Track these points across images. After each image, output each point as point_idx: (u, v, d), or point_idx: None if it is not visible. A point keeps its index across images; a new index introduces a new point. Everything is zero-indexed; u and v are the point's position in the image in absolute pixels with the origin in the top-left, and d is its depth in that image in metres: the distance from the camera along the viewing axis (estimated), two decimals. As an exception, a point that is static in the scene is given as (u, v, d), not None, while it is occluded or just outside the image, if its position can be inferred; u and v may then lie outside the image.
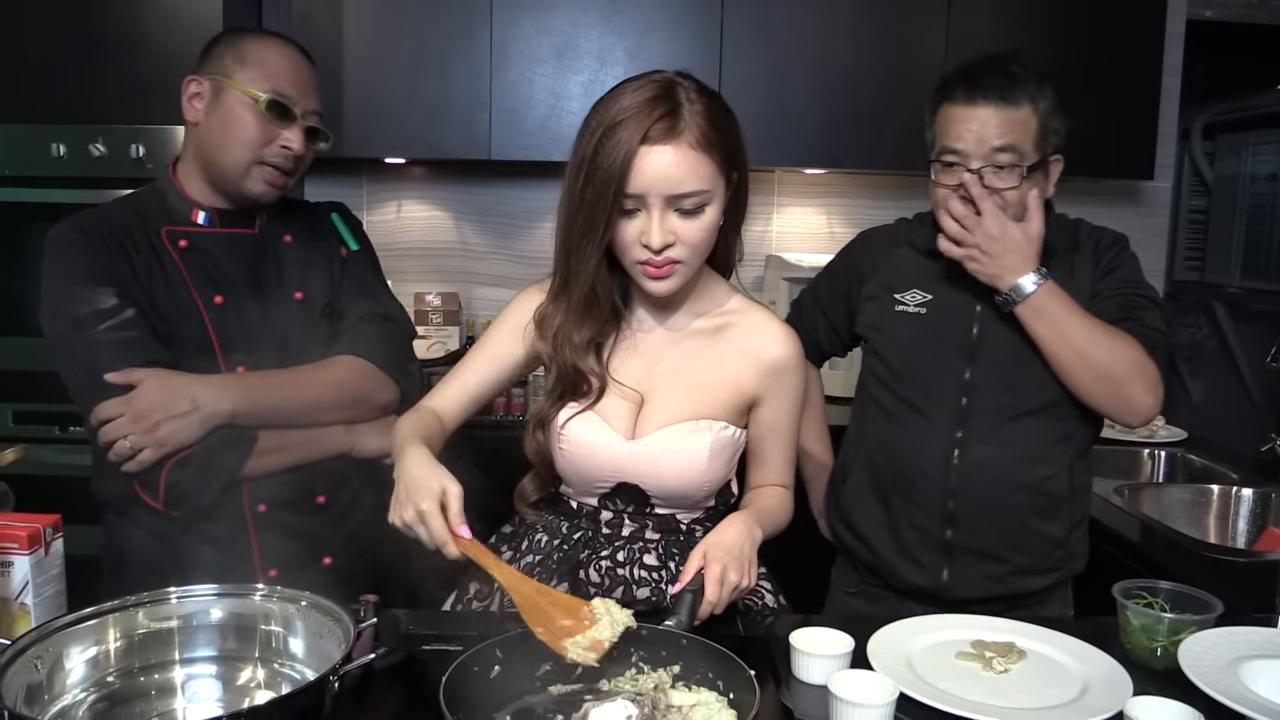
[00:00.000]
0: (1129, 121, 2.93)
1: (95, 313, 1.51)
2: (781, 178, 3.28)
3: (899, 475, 1.77)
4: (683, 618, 1.24)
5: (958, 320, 1.73)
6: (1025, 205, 1.63)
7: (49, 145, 2.49)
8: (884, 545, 1.79)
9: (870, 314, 1.83)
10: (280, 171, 1.60)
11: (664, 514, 1.47)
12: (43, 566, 1.21)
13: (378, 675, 1.21)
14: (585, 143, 1.33)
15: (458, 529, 1.21)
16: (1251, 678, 1.21)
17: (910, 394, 1.76)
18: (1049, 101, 1.64)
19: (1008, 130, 1.61)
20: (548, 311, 1.45)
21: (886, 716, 1.13)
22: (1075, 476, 1.74)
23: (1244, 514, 2.36)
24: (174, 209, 1.63)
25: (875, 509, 1.80)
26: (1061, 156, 1.69)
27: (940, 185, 1.67)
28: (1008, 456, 1.70)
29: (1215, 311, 3.96)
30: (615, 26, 2.81)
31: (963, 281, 1.71)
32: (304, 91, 1.61)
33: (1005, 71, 1.63)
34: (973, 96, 1.62)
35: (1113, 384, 1.61)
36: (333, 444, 1.65)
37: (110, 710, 1.10)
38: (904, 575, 1.76)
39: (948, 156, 1.65)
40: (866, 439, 1.83)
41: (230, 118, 1.57)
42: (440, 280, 3.25)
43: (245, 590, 1.20)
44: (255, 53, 1.58)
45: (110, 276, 1.53)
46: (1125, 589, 1.39)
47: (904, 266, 1.81)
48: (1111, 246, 1.74)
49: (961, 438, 1.71)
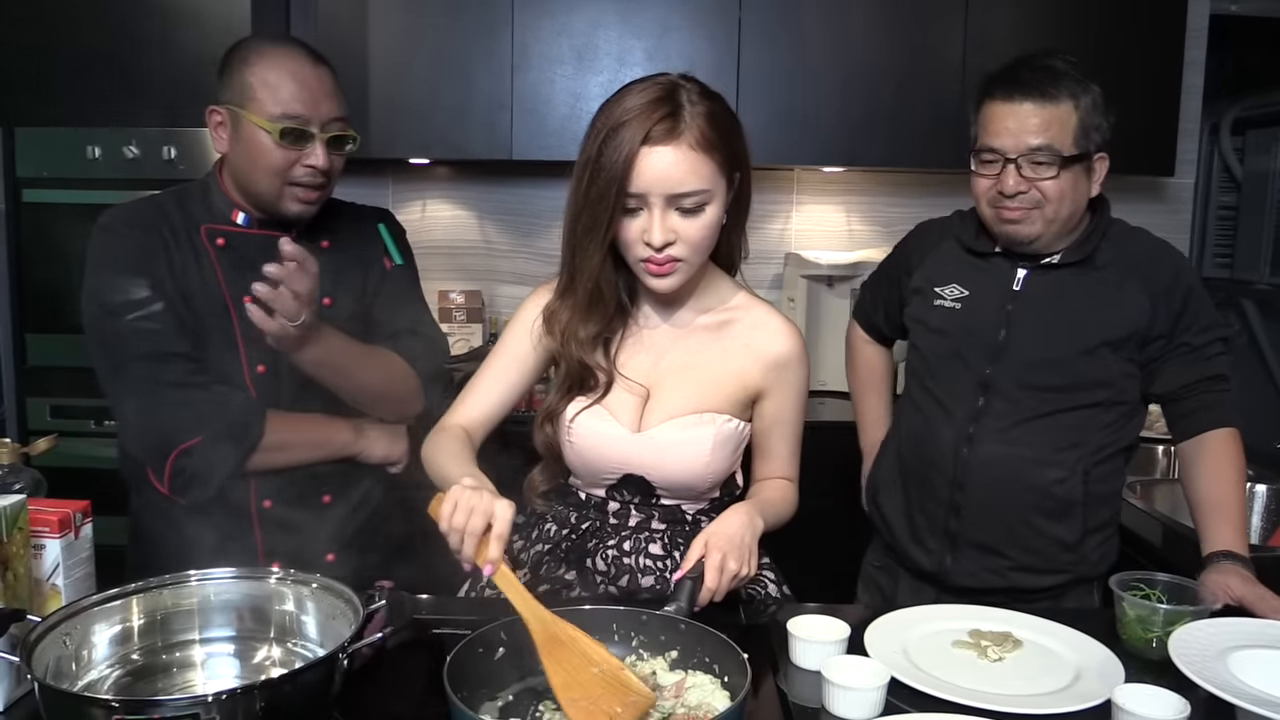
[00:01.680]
0: (1150, 117, 2.92)
1: (127, 302, 1.56)
2: (800, 176, 3.31)
3: (917, 464, 1.83)
4: (682, 604, 1.27)
5: (987, 319, 1.76)
6: (1063, 197, 1.65)
7: (84, 148, 2.57)
8: (900, 528, 1.86)
9: (915, 307, 1.87)
10: (310, 188, 1.61)
11: (669, 505, 1.51)
12: (73, 549, 1.27)
13: (387, 656, 1.26)
14: (590, 143, 1.37)
15: (492, 558, 1.17)
16: (1240, 667, 1.22)
17: (935, 387, 1.81)
18: (1092, 98, 1.65)
19: (1045, 127, 1.63)
20: (555, 308, 1.49)
21: (878, 701, 1.16)
22: (1094, 484, 1.73)
23: (1258, 510, 2.36)
24: (215, 207, 1.66)
25: (897, 495, 1.88)
26: (1106, 155, 1.70)
27: (981, 177, 1.70)
28: (1015, 457, 1.72)
29: (1245, 309, 3.92)
30: (634, 27, 2.85)
31: (998, 283, 1.75)
32: (318, 104, 1.59)
33: (1047, 68, 1.66)
34: (1012, 93, 1.65)
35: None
36: (340, 446, 1.69)
37: (134, 684, 1.16)
38: (914, 558, 1.83)
39: (986, 155, 1.68)
40: (900, 426, 1.92)
41: (251, 148, 1.58)
42: (464, 278, 3.31)
43: (261, 574, 1.25)
44: (262, 77, 1.57)
45: (146, 268, 1.58)
46: (1123, 580, 1.41)
47: (947, 261, 1.84)
48: (1181, 282, 1.69)
49: (973, 434, 1.75)
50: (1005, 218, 1.69)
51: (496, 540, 1.17)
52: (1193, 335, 1.70)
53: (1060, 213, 1.67)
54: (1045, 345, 1.71)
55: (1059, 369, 1.70)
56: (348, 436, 1.70)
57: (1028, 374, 1.72)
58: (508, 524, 1.18)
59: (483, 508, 1.18)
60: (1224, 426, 1.69)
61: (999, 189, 1.67)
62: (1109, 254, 1.72)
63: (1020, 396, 1.72)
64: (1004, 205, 1.68)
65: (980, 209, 1.75)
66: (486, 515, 1.18)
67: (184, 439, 1.56)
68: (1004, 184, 1.66)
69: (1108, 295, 1.70)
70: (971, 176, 1.73)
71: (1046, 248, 1.73)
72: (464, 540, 1.17)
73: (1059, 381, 1.71)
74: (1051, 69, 1.66)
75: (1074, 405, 1.71)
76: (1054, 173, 1.64)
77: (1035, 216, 1.67)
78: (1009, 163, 1.65)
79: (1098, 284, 1.71)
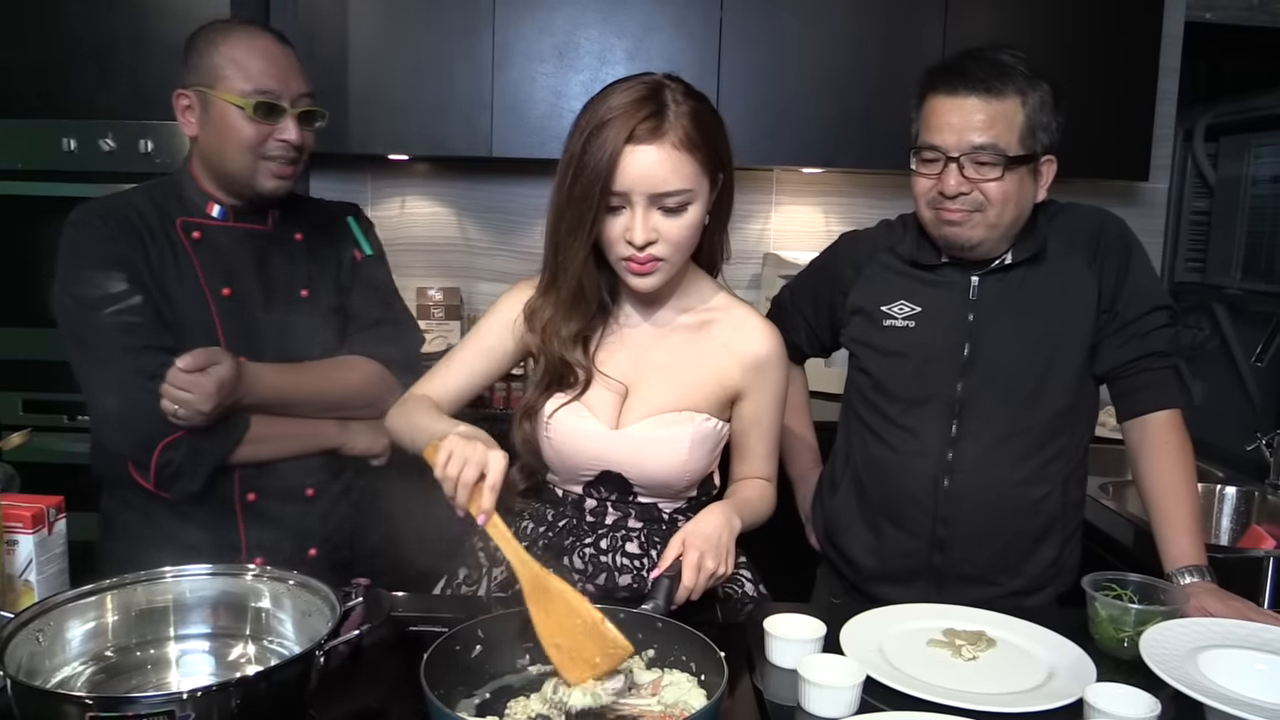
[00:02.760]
0: (1125, 122, 2.95)
1: (104, 296, 1.55)
2: (779, 176, 3.32)
3: (886, 499, 1.72)
4: (659, 602, 1.28)
5: (948, 335, 1.67)
6: (1006, 201, 1.57)
7: (60, 140, 2.54)
8: (868, 567, 1.75)
9: (856, 328, 1.76)
10: (285, 162, 1.63)
11: (646, 503, 1.51)
12: (46, 545, 1.26)
13: (364, 653, 1.26)
14: (574, 142, 1.37)
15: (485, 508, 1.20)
16: (1210, 667, 1.24)
17: (898, 413, 1.71)
18: (1040, 95, 1.57)
19: (990, 124, 1.54)
20: (537, 305, 1.49)
21: (853, 700, 1.17)
22: (1069, 492, 1.70)
23: (1228, 512, 2.39)
24: (190, 200, 1.66)
25: (862, 533, 1.76)
26: (1054, 158, 1.62)
27: (921, 176, 1.62)
28: (1002, 480, 1.65)
29: (1216, 313, 3.97)
30: (615, 27, 2.85)
31: (953, 294, 1.67)
32: (287, 80, 1.61)
33: (993, 61, 1.57)
34: (956, 86, 1.57)
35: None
36: (325, 439, 1.70)
37: (108, 681, 1.15)
38: (886, 598, 1.65)
39: (927, 153, 1.60)
40: (854, 457, 1.78)
41: (223, 126, 1.59)
42: (442, 275, 3.30)
43: (237, 570, 1.25)
44: (230, 55, 1.59)
45: (122, 262, 1.57)
46: (1095, 581, 1.43)
47: (887, 276, 1.74)
48: (1114, 248, 1.66)
49: (952, 460, 1.66)
50: (945, 219, 1.60)
51: (489, 491, 1.19)
52: (1131, 303, 1.63)
53: (1003, 218, 1.58)
54: (1014, 350, 1.64)
55: (1032, 373, 1.64)
56: (331, 429, 1.70)
57: (1001, 385, 1.65)
58: (501, 474, 1.20)
59: (476, 457, 1.19)
60: (1168, 407, 1.63)
61: (940, 189, 1.58)
62: (1054, 241, 1.66)
63: (995, 412, 1.65)
64: (944, 207, 1.59)
65: (920, 211, 1.65)
66: (480, 465, 1.19)
67: (169, 432, 1.55)
68: (945, 184, 1.57)
69: (1063, 284, 1.64)
70: (911, 177, 1.64)
71: (989, 253, 1.65)
72: (457, 489, 1.19)
73: (1034, 387, 1.64)
74: (998, 63, 1.56)
75: (1050, 412, 1.65)
76: (998, 174, 1.55)
77: (977, 220, 1.58)
78: (950, 161, 1.56)
79: (1052, 275, 1.65)
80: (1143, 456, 1.64)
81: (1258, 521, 2.34)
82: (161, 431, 1.55)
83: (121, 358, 1.55)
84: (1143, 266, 1.68)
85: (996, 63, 1.57)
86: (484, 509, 1.19)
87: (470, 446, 1.20)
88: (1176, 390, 1.66)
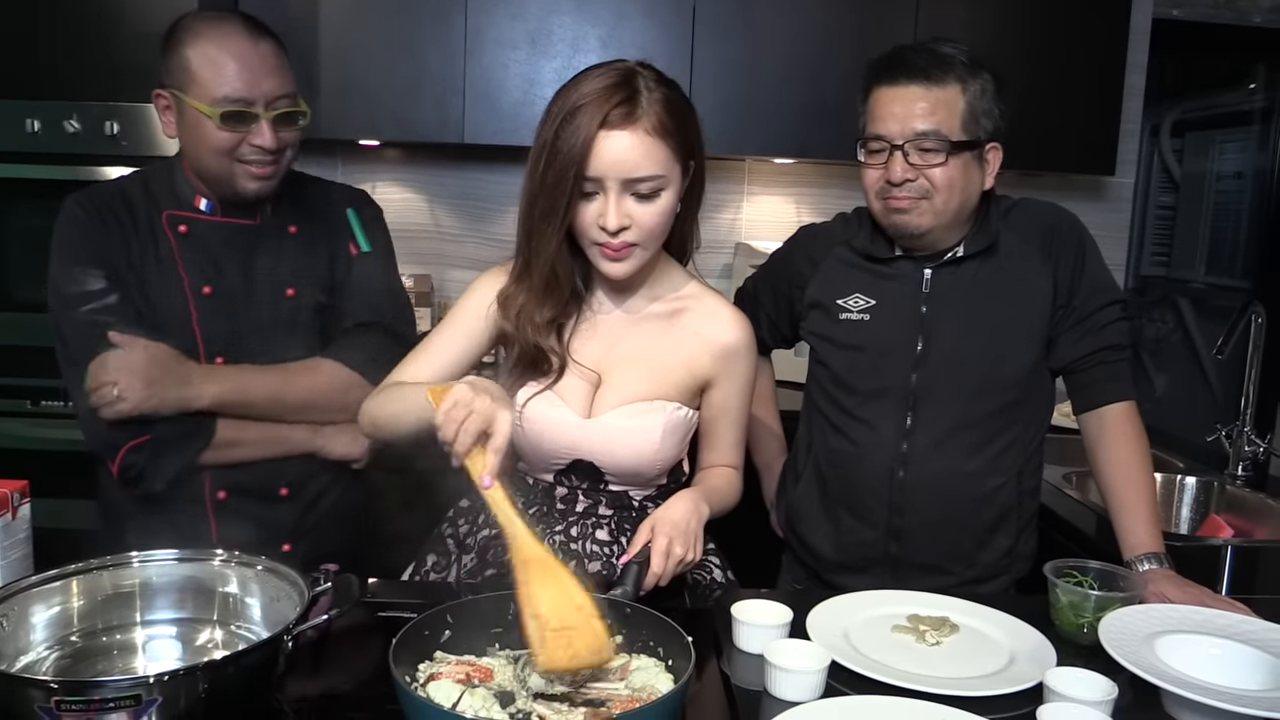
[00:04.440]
0: (1092, 117, 2.98)
1: (81, 293, 1.53)
2: (751, 166, 3.33)
3: (844, 489, 1.74)
4: (628, 588, 1.29)
5: (901, 328, 1.69)
6: (952, 187, 1.59)
7: (24, 121, 2.49)
8: (828, 556, 1.78)
9: (814, 321, 1.78)
10: (262, 164, 1.57)
11: (617, 490, 1.52)
12: (10, 530, 1.25)
13: (333, 638, 1.26)
14: (547, 128, 1.37)
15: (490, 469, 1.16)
16: (1166, 652, 1.26)
17: (855, 405, 1.73)
18: (981, 84, 1.60)
19: (932, 111, 1.57)
20: (511, 292, 1.49)
21: (818, 684, 1.19)
22: (1024, 481, 1.72)
23: (1188, 501, 2.43)
24: (179, 192, 1.62)
25: (822, 523, 1.78)
26: (999, 145, 1.64)
27: (869, 167, 1.64)
28: (955, 471, 1.67)
29: (1180, 306, 4.04)
30: (589, 15, 2.84)
31: (906, 287, 1.69)
32: (259, 82, 1.54)
33: (932, 52, 1.61)
34: (897, 76, 1.60)
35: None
36: (297, 443, 1.66)
37: (74, 666, 1.15)
38: (845, 585, 1.63)
39: (873, 144, 1.62)
40: (815, 448, 1.81)
41: (195, 132, 1.55)
42: (413, 262, 3.28)
43: (204, 555, 1.24)
44: (201, 57, 1.53)
45: (101, 258, 1.54)
46: (1056, 568, 1.45)
47: (844, 269, 1.76)
48: (1068, 243, 1.68)
49: (906, 451, 1.68)
50: (893, 207, 1.62)
51: (494, 453, 1.15)
52: (1087, 298, 1.66)
53: (950, 204, 1.61)
54: (967, 343, 1.66)
55: (985, 366, 1.66)
56: (304, 434, 1.66)
57: (954, 377, 1.67)
58: (506, 435, 1.16)
59: (484, 410, 1.15)
60: (1123, 399, 1.67)
61: (887, 177, 1.61)
62: (1007, 236, 1.68)
63: (949, 404, 1.67)
64: (891, 195, 1.61)
65: (870, 203, 1.68)
66: (486, 419, 1.15)
67: (132, 436, 1.53)
68: (891, 172, 1.59)
69: (1016, 277, 1.66)
70: (860, 170, 1.67)
71: (938, 243, 1.67)
72: (457, 435, 1.15)
73: (987, 380, 1.66)
74: (938, 53, 1.60)
75: (1003, 404, 1.67)
76: (941, 159, 1.58)
77: (924, 207, 1.60)
78: (895, 149, 1.59)
79: (1005, 269, 1.67)
80: (1101, 448, 1.68)
81: (1216, 511, 2.38)
82: (124, 435, 1.52)
83: (89, 357, 1.51)
84: (1097, 261, 1.71)
85: (936, 53, 1.61)
86: (489, 471, 1.15)
87: (478, 398, 1.15)
88: (1131, 382, 1.70)
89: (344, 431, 1.68)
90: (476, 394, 1.16)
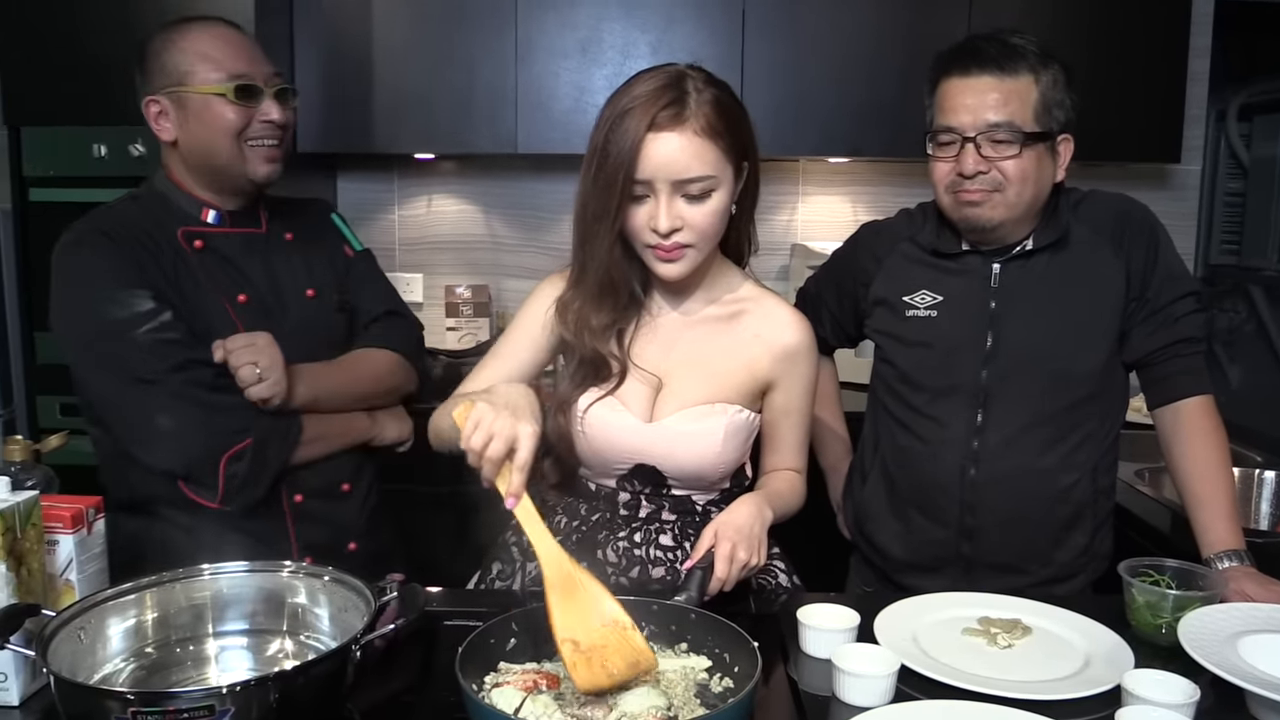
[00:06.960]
0: (1155, 104, 2.92)
1: (135, 315, 1.51)
2: (806, 167, 3.30)
3: (913, 488, 1.72)
4: (693, 593, 1.28)
5: (971, 323, 1.66)
6: (1025, 179, 1.56)
7: (91, 146, 2.56)
8: (898, 557, 1.76)
9: (880, 319, 1.76)
10: (272, 144, 1.61)
11: (680, 495, 1.51)
12: (86, 545, 1.27)
13: (399, 648, 1.27)
14: (598, 133, 1.38)
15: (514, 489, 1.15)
16: (1250, 652, 1.22)
17: (923, 403, 1.70)
18: (1053, 74, 1.57)
19: (1005, 101, 1.55)
20: (568, 299, 1.49)
21: (888, 689, 1.17)
22: (1100, 478, 1.69)
23: (1267, 496, 2.35)
24: (183, 210, 1.63)
25: (891, 522, 1.76)
26: (1070, 137, 1.62)
27: (939, 160, 1.61)
28: (1028, 468, 1.64)
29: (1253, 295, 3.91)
30: (638, 20, 2.85)
31: (974, 282, 1.67)
32: (255, 61, 1.60)
33: (1004, 42, 1.58)
34: (969, 67, 1.57)
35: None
36: (360, 432, 1.71)
37: (149, 678, 1.17)
38: (917, 587, 1.63)
39: (943, 136, 1.59)
40: (881, 447, 1.78)
41: (205, 119, 1.57)
42: (470, 273, 3.32)
43: (273, 567, 1.26)
44: (195, 51, 1.57)
45: (143, 279, 1.54)
46: (1132, 567, 1.41)
47: (908, 266, 1.73)
48: (1140, 234, 1.65)
49: (978, 449, 1.65)
50: (964, 200, 1.59)
51: (518, 471, 1.14)
52: (1161, 290, 1.62)
53: (1022, 196, 1.57)
54: (1039, 339, 1.63)
55: (1056, 361, 1.63)
56: (365, 422, 1.72)
57: (1025, 373, 1.63)
58: (530, 452, 1.14)
59: (505, 432, 1.13)
60: (1200, 393, 1.63)
61: (958, 170, 1.58)
62: (1077, 228, 1.65)
63: (1020, 400, 1.64)
64: (963, 188, 1.58)
65: (939, 198, 1.65)
66: (508, 440, 1.14)
67: (230, 444, 1.53)
68: (963, 164, 1.56)
69: (1088, 270, 1.63)
70: (929, 163, 1.63)
71: (1008, 236, 1.64)
72: (483, 464, 1.14)
73: (1059, 375, 1.63)
74: (1009, 44, 1.57)
75: (1076, 399, 1.64)
76: (1015, 151, 1.55)
77: (996, 200, 1.57)
78: (967, 142, 1.56)
79: (1076, 262, 1.64)
80: (1177, 443, 1.63)
81: (1297, 506, 2.31)
82: (223, 445, 1.53)
83: (167, 375, 1.51)
84: (1170, 252, 1.67)
85: (1007, 44, 1.58)
86: (512, 490, 1.14)
87: (498, 419, 1.14)
88: (1208, 376, 1.65)
89: (392, 417, 1.76)
90: (497, 413, 1.15)
